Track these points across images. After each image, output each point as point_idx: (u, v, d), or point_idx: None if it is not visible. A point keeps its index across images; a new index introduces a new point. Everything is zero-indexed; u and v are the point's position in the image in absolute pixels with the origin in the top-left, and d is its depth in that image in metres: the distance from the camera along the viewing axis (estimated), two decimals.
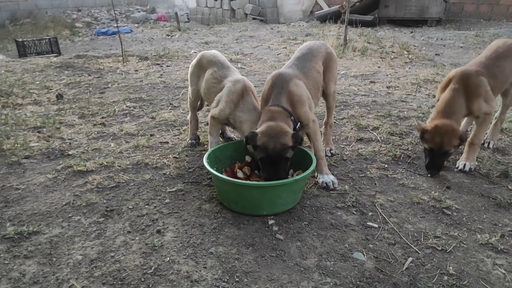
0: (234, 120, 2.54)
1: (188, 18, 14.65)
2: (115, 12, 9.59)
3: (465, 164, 2.65)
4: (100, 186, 2.44)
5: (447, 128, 2.48)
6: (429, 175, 2.59)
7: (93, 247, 1.86)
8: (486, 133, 3.07)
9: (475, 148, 2.68)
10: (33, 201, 2.28)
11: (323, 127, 3.00)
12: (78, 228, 2.02)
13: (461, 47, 7.37)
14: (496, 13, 9.99)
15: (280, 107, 2.27)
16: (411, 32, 9.20)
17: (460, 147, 2.60)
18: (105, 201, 2.28)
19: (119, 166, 2.72)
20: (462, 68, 2.74)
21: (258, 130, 2.20)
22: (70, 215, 2.13)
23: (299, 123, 2.35)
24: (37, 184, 2.48)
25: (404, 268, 1.73)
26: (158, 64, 6.39)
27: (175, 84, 5.05)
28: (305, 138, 2.64)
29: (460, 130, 2.53)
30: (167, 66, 6.28)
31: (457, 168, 2.68)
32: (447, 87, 2.67)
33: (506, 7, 9.83)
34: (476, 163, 2.70)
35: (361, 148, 2.99)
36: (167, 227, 2.03)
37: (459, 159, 2.74)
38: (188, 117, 3.20)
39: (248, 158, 2.53)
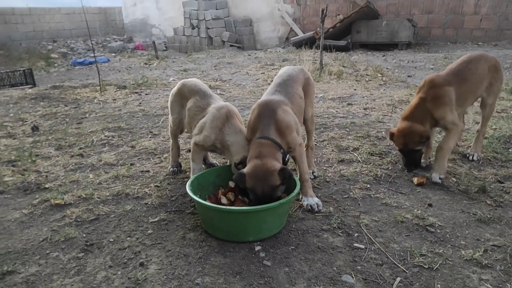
0: (221, 145, 2.53)
1: (166, 47, 14.77)
2: (92, 42, 9.58)
3: (434, 176, 2.79)
4: (79, 220, 2.36)
5: (407, 129, 2.78)
6: (406, 171, 2.87)
7: (73, 285, 1.77)
8: (470, 147, 3.25)
9: (443, 155, 2.76)
10: (7, 238, 2.17)
11: (305, 150, 3.02)
12: (57, 265, 1.93)
13: (432, 68, 7.68)
14: (461, 36, 10.53)
15: (268, 140, 2.25)
16: (383, 56, 9.55)
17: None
18: (84, 235, 2.20)
19: (98, 197, 2.64)
20: (432, 75, 2.92)
21: (245, 171, 2.17)
22: (47, 252, 2.04)
23: (288, 155, 2.35)
24: (12, 221, 2.37)
25: None
26: (136, 93, 6.36)
27: (155, 112, 5.02)
28: (291, 161, 2.65)
29: (420, 129, 2.75)
30: (146, 94, 6.26)
31: (425, 177, 2.83)
32: (419, 93, 2.90)
33: (470, 30, 10.39)
34: (444, 175, 2.80)
35: (343, 169, 3.02)
36: (151, 259, 1.96)
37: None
38: (169, 144, 3.17)
39: (231, 184, 2.50)
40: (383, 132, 3.74)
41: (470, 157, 3.14)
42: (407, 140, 2.80)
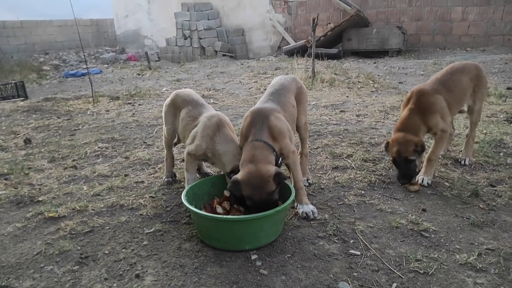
0: (212, 154, 2.54)
1: (158, 57, 14.80)
2: (84, 53, 9.57)
3: (423, 179, 2.86)
4: (73, 232, 2.34)
5: (402, 138, 2.78)
6: (401, 184, 2.84)
7: None
8: (461, 151, 3.30)
9: (432, 164, 2.89)
10: (1, 253, 2.15)
11: (299, 157, 3.04)
12: (51, 278, 1.91)
13: (422, 74, 7.79)
14: (450, 43, 10.70)
15: (262, 142, 2.27)
16: (374, 63, 9.67)
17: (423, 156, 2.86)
18: (79, 247, 2.18)
19: (92, 209, 2.63)
20: (419, 86, 2.98)
21: (239, 178, 2.16)
22: (42, 265, 2.02)
23: (280, 159, 2.37)
24: (5, 235, 2.35)
25: None
26: (130, 103, 6.36)
27: (148, 122, 5.02)
28: (284, 168, 2.66)
29: (415, 138, 2.76)
30: (139, 104, 6.26)
31: (416, 181, 2.85)
32: (407, 104, 2.93)
33: (458, 37, 10.57)
34: (432, 179, 2.87)
35: (337, 176, 3.04)
36: (146, 271, 1.95)
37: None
38: (164, 154, 3.16)
39: (226, 193, 2.50)
40: (375, 139, 3.77)
41: (462, 162, 3.19)
42: (401, 148, 2.76)
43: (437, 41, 10.88)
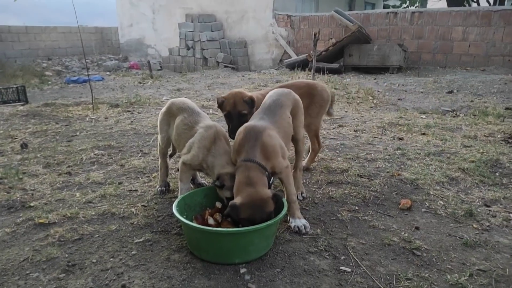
0: (207, 165, 2.53)
1: (160, 66, 14.91)
2: (87, 60, 9.65)
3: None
4: (62, 239, 2.32)
5: None
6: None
7: None
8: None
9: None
10: None
11: (293, 170, 3.02)
12: (36, 286, 1.89)
13: (422, 92, 7.82)
14: (450, 61, 10.79)
15: (254, 163, 2.26)
16: (375, 79, 9.72)
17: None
18: (66, 255, 2.16)
19: (83, 217, 2.61)
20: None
21: (238, 201, 2.15)
22: (27, 272, 1.99)
23: (272, 178, 2.37)
24: None
25: None
26: (129, 111, 6.37)
27: (146, 130, 5.02)
28: (276, 182, 2.65)
29: None
30: (138, 113, 6.27)
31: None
32: None
33: (458, 56, 10.66)
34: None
35: (331, 191, 3.02)
36: (133, 281, 1.92)
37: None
38: (158, 164, 3.16)
39: (218, 204, 2.49)
40: (372, 154, 3.76)
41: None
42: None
43: (438, 60, 10.96)
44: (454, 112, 6.04)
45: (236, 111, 2.87)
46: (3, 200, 2.87)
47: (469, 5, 16.09)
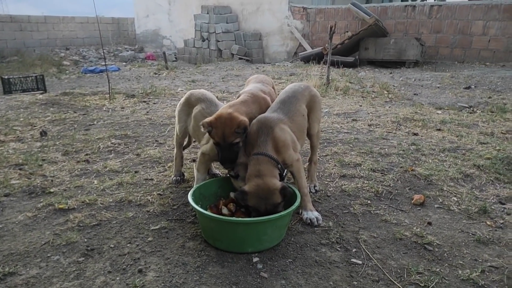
0: None
1: (175, 58, 14.99)
2: (104, 51, 9.77)
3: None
4: (81, 225, 2.40)
5: None
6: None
7: None
8: None
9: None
10: (10, 240, 2.22)
11: (307, 164, 3.05)
12: (57, 268, 1.97)
13: (438, 87, 7.70)
14: (469, 56, 10.57)
15: (266, 156, 2.30)
16: (390, 73, 9.60)
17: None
18: (85, 240, 2.23)
19: (101, 203, 2.69)
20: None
21: (247, 189, 2.21)
22: (49, 255, 2.08)
23: (286, 170, 2.40)
24: (16, 223, 2.42)
25: None
26: (144, 102, 6.46)
27: (161, 121, 5.10)
28: (290, 175, 2.68)
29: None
30: (154, 103, 6.35)
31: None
32: None
33: (477, 51, 10.43)
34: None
35: (344, 185, 3.04)
36: (149, 266, 1.99)
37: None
38: (174, 153, 3.21)
39: (232, 195, 2.53)
40: (386, 149, 3.76)
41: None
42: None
43: (456, 54, 10.76)
44: (471, 108, 5.94)
45: (227, 143, 2.41)
46: (24, 185, 2.97)
47: None
